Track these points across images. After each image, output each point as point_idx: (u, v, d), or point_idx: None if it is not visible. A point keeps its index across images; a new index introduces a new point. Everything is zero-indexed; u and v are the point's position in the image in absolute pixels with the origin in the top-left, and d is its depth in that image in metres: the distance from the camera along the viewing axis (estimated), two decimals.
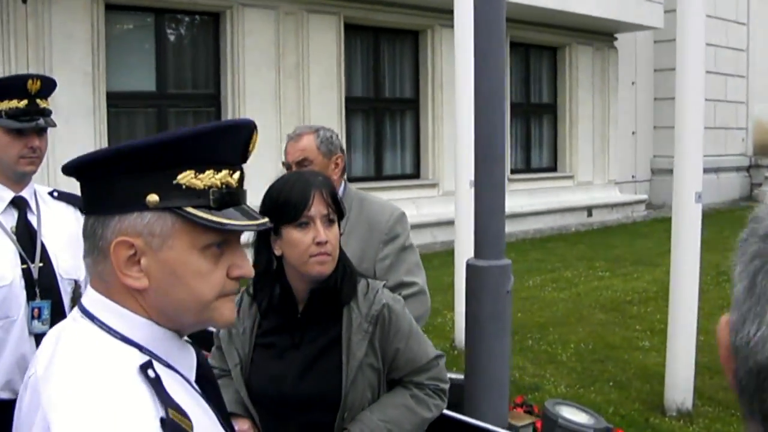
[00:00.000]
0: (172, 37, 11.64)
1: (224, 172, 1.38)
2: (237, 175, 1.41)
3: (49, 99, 3.10)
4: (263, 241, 2.42)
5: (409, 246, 3.39)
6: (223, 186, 1.37)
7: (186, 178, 1.33)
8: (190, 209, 1.33)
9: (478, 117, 3.59)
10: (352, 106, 13.38)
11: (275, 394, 2.39)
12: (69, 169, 1.40)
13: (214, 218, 1.34)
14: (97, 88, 10.43)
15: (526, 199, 15.64)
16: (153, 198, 1.32)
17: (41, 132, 3.01)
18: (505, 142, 3.69)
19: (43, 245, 2.99)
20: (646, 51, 19.17)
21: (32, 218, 3.05)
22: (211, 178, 1.35)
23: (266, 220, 1.44)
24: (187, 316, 1.38)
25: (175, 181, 1.33)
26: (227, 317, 1.42)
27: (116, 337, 1.34)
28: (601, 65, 17.32)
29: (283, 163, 3.41)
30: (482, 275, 3.60)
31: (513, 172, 15.88)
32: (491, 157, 3.61)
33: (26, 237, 2.99)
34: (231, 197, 1.38)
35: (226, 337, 2.53)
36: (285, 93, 12.15)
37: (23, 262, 2.94)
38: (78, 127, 9.85)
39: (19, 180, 3.04)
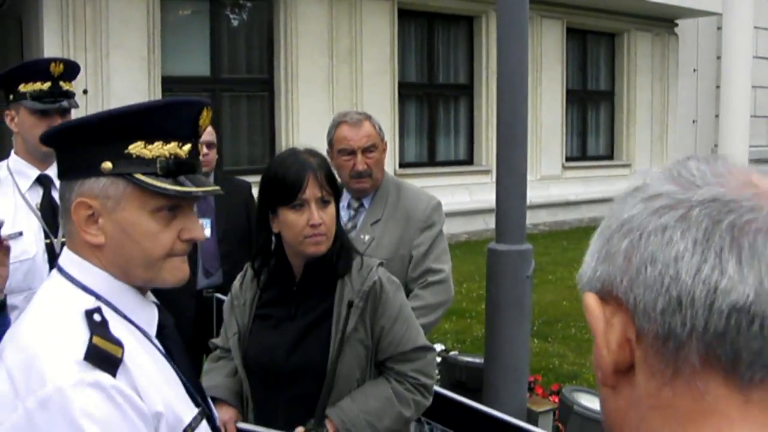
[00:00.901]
0: (226, 22, 11.77)
1: (173, 144, 1.52)
2: (187, 147, 1.55)
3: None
4: (263, 219, 2.48)
5: (442, 234, 3.47)
6: (171, 156, 1.52)
7: (136, 148, 1.49)
8: (138, 175, 1.49)
9: (499, 102, 3.59)
10: (406, 91, 13.38)
11: (268, 364, 2.45)
12: (44, 139, 1.58)
13: (158, 183, 1.49)
14: (152, 73, 10.62)
15: (582, 187, 15.48)
16: (107, 165, 1.48)
17: (64, 113, 3.13)
18: (526, 127, 3.68)
19: None
20: (708, 37, 18.74)
21: (56, 195, 3.17)
22: (159, 149, 1.51)
23: (215, 188, 1.60)
24: (138, 271, 1.54)
25: (126, 151, 1.49)
26: (177, 275, 1.58)
27: (77, 286, 1.51)
28: (661, 52, 17.01)
29: (342, 150, 3.42)
30: (502, 260, 3.60)
31: (568, 159, 15.72)
32: (512, 142, 3.60)
33: (50, 213, 3.12)
34: (179, 167, 1.53)
35: (228, 308, 2.62)
36: (338, 78, 12.21)
37: (46, 236, 3.07)
38: None
39: (44, 159, 3.16)
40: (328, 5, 12.06)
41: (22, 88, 3.08)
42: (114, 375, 1.37)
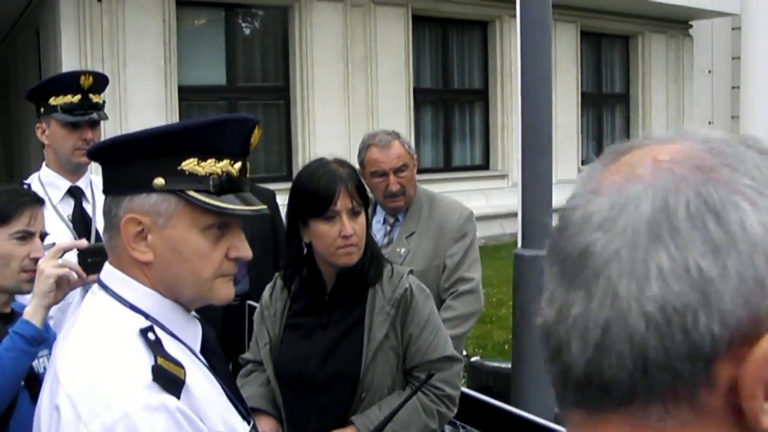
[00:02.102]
0: (241, 31, 11.83)
1: (225, 161, 1.51)
2: (238, 165, 1.53)
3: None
4: (293, 230, 2.49)
5: (474, 243, 3.52)
6: (224, 174, 1.50)
7: (189, 164, 1.47)
8: (191, 192, 1.47)
9: (524, 107, 3.60)
10: (421, 97, 13.40)
11: (300, 373, 2.46)
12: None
13: (211, 201, 1.47)
14: (168, 82, 10.67)
15: None
16: (159, 181, 1.46)
17: (94, 125, 3.17)
18: (551, 133, 3.70)
19: (97, 232, 3.14)
20: (723, 38, 18.67)
21: (87, 207, 3.21)
22: (212, 166, 1.49)
23: (263, 207, 1.56)
24: (187, 290, 1.52)
25: (179, 167, 1.47)
26: (224, 296, 1.56)
27: (125, 305, 1.48)
28: (676, 53, 16.96)
29: (374, 173, 3.44)
30: (529, 265, 3.60)
31: (584, 163, 15.66)
32: (537, 147, 3.61)
33: (81, 224, 3.15)
34: (231, 184, 1.51)
35: (258, 318, 2.62)
36: (353, 85, 12.24)
37: None
38: (150, 121, 10.08)
39: (75, 170, 3.20)
40: (343, 13, 12.09)
41: (52, 101, 3.11)
42: (178, 397, 1.36)
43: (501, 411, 2.77)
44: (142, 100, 10.23)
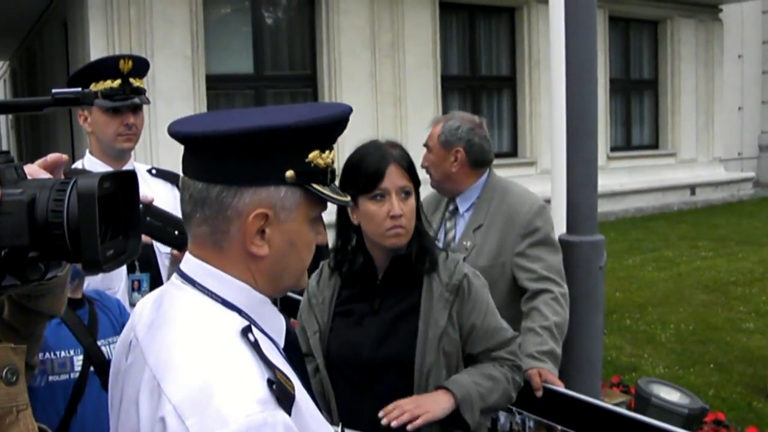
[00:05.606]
0: (268, 20, 11.80)
1: (333, 152, 1.47)
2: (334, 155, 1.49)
3: (146, 80, 3.22)
4: (343, 216, 2.46)
5: (548, 240, 3.27)
6: (332, 164, 1.46)
7: (314, 157, 1.42)
8: (316, 186, 1.42)
9: (569, 91, 3.53)
10: (449, 84, 13.34)
11: (353, 359, 2.42)
12: (199, 140, 1.42)
13: (333, 195, 1.44)
14: (196, 71, 10.68)
15: (627, 177, 15.32)
16: (291, 174, 1.39)
17: (136, 109, 3.13)
18: (597, 116, 3.64)
19: None
20: (753, 22, 18.46)
21: None
22: (328, 158, 1.44)
23: (349, 198, 1.54)
24: (290, 281, 1.49)
25: (307, 160, 1.41)
26: (306, 281, 1.54)
27: (217, 300, 1.40)
28: (705, 38, 16.77)
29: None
30: (574, 251, 3.54)
31: (613, 149, 15.56)
32: (583, 131, 3.54)
33: None
34: (333, 175, 1.48)
35: (306, 307, 2.58)
36: (381, 73, 12.19)
37: None
38: (178, 110, 10.10)
39: (119, 157, 3.17)
40: (370, 0, 12.04)
41: (92, 87, 3.08)
42: (290, 413, 1.27)
43: (556, 394, 2.74)
44: (170, 90, 10.25)
